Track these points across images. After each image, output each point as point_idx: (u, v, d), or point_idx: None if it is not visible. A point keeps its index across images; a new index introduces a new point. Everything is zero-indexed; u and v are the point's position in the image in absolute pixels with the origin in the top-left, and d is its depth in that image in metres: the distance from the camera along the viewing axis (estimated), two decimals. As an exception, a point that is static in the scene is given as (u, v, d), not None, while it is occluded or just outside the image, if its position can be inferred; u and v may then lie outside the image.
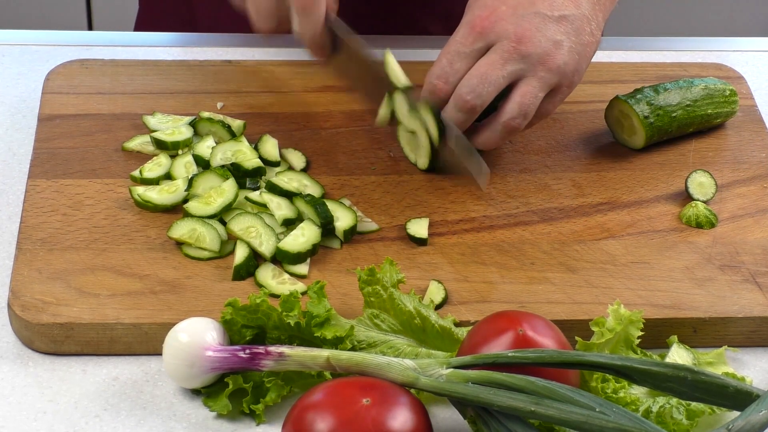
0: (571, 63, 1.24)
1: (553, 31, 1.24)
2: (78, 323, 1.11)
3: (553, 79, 1.24)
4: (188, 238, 1.19)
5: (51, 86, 1.40)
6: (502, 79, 1.23)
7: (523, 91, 1.24)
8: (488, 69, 1.23)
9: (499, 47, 1.23)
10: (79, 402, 1.07)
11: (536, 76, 1.23)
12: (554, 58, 1.23)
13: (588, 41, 1.26)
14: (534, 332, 1.04)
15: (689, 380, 1.00)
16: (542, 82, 1.24)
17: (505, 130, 1.25)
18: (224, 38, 1.55)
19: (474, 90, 1.23)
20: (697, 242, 1.25)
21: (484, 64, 1.23)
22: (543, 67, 1.23)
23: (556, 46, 1.23)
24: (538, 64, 1.23)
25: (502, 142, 1.27)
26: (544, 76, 1.23)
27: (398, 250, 1.22)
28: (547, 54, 1.23)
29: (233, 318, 1.08)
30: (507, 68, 1.23)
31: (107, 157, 1.31)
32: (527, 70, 1.23)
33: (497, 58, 1.23)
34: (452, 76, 1.25)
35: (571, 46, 1.24)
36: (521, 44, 1.23)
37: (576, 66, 1.25)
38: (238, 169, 1.27)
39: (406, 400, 0.99)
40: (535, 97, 1.24)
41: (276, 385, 1.06)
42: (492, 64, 1.23)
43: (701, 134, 1.41)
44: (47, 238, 1.20)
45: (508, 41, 1.23)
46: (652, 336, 1.14)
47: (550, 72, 1.23)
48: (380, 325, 1.11)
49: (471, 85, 1.23)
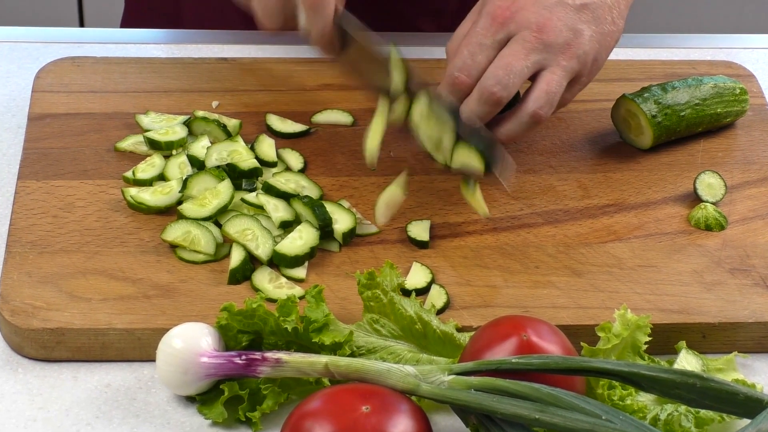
0: (592, 52, 1.26)
1: (574, 20, 1.25)
2: (69, 328, 1.11)
3: (575, 68, 1.26)
4: (182, 240, 1.20)
5: (41, 84, 1.40)
6: (526, 69, 1.24)
7: (549, 79, 1.24)
8: (512, 60, 1.23)
9: (521, 37, 1.24)
10: (70, 410, 1.07)
11: (559, 65, 1.25)
12: (576, 46, 1.25)
13: (609, 30, 1.27)
14: (538, 338, 1.04)
15: (698, 387, 1.00)
16: (565, 70, 1.25)
17: (532, 120, 1.26)
18: (219, 35, 1.55)
19: (500, 81, 1.23)
20: (706, 245, 1.26)
21: (507, 54, 1.24)
22: (564, 56, 1.24)
23: (577, 34, 1.25)
24: (559, 53, 1.24)
25: (528, 133, 1.28)
26: (566, 65, 1.25)
27: (399, 253, 1.22)
28: (568, 43, 1.24)
29: (229, 323, 1.08)
30: (531, 58, 1.24)
31: (99, 157, 1.31)
32: (550, 59, 1.24)
33: (520, 48, 1.24)
34: (474, 69, 1.25)
35: (591, 34, 1.26)
36: (543, 33, 1.24)
37: (596, 55, 1.27)
38: (234, 169, 1.27)
39: (407, 408, 0.99)
40: (560, 85, 1.25)
41: (273, 393, 1.06)
42: (515, 55, 1.24)
43: (710, 134, 1.41)
44: (37, 240, 1.20)
45: (529, 31, 1.24)
46: (659, 342, 1.14)
47: (571, 60, 1.25)
48: (380, 330, 1.12)
49: (497, 77, 1.23)
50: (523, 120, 1.26)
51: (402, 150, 1.35)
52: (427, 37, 1.59)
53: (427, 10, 1.63)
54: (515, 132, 1.27)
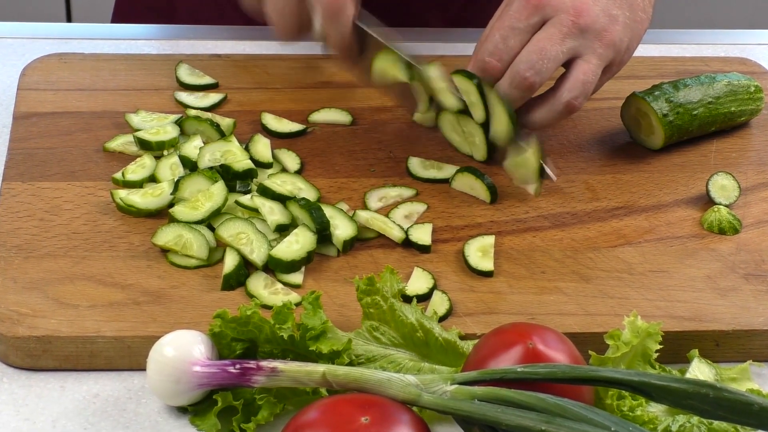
0: (626, 39, 1.28)
1: (609, 6, 1.26)
2: (56, 336, 1.11)
3: (610, 56, 1.27)
4: (174, 245, 1.20)
5: (27, 82, 1.40)
6: (561, 55, 1.25)
7: (584, 68, 1.25)
8: (547, 44, 1.24)
9: (557, 21, 1.25)
10: (57, 421, 1.07)
11: (595, 53, 1.26)
12: (611, 33, 1.26)
13: (641, 18, 1.29)
14: (545, 346, 1.04)
15: (711, 397, 1.00)
16: (601, 59, 1.26)
17: (566, 110, 1.27)
18: (213, 30, 1.56)
19: (533, 66, 1.24)
20: (719, 249, 1.26)
21: (542, 38, 1.25)
22: (600, 43, 1.26)
23: (613, 20, 1.26)
24: (595, 39, 1.25)
25: (560, 121, 1.29)
26: (602, 53, 1.26)
27: (399, 258, 1.22)
28: (604, 29, 1.26)
29: (222, 331, 1.08)
30: (566, 44, 1.25)
31: (87, 158, 1.31)
32: (585, 46, 1.25)
33: (556, 32, 1.24)
34: (506, 53, 1.26)
35: (626, 21, 1.27)
36: (580, 17, 1.25)
37: (629, 43, 1.29)
38: (228, 171, 1.27)
39: (408, 419, 0.99)
40: (595, 74, 1.26)
41: (268, 403, 1.06)
42: (551, 39, 1.24)
43: (724, 133, 1.41)
44: (23, 245, 1.20)
45: (566, 15, 1.25)
46: (671, 350, 1.14)
47: (607, 48, 1.26)
48: (380, 338, 1.12)
49: (530, 62, 1.24)
50: (556, 109, 1.27)
51: (402, 151, 1.35)
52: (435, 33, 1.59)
53: (434, 4, 1.63)
54: (547, 120, 1.28)
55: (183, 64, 1.44)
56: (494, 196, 1.29)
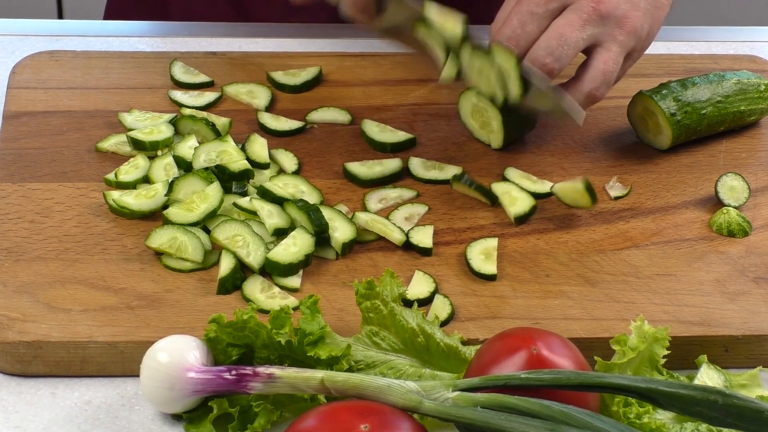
0: (646, 26, 1.28)
1: None
2: (47, 341, 1.11)
3: (631, 44, 1.27)
4: (168, 247, 1.20)
5: (17, 80, 1.40)
6: (581, 42, 1.25)
7: (605, 57, 1.26)
8: (567, 30, 1.24)
9: (578, 6, 1.25)
10: (48, 428, 1.07)
11: (616, 41, 1.26)
12: (631, 20, 1.26)
13: (662, 4, 1.30)
14: (549, 351, 1.04)
15: (720, 404, 1.00)
16: (622, 46, 1.27)
17: (588, 100, 1.27)
18: (208, 27, 1.56)
19: (553, 52, 1.24)
20: (728, 252, 1.26)
21: (562, 24, 1.25)
22: (621, 31, 1.26)
23: (634, 7, 1.26)
24: (615, 26, 1.26)
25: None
26: (623, 41, 1.26)
27: (400, 261, 1.22)
28: (625, 16, 1.26)
29: (218, 336, 1.08)
30: (586, 30, 1.25)
31: (79, 158, 1.31)
32: (606, 33, 1.26)
33: (576, 18, 1.25)
34: (524, 39, 1.26)
35: (647, 8, 1.27)
36: (600, 4, 1.25)
37: (649, 29, 1.29)
38: (224, 171, 1.27)
39: (409, 426, 0.99)
40: (616, 63, 1.26)
41: (265, 410, 1.06)
42: (571, 25, 1.24)
43: (733, 133, 1.41)
44: (13, 247, 1.20)
45: (586, 1, 1.25)
46: (679, 355, 1.14)
47: (628, 36, 1.26)
48: (380, 343, 1.12)
49: (549, 47, 1.24)
50: (578, 99, 1.27)
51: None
52: None
53: None
54: None
55: (177, 62, 1.44)
56: (492, 198, 1.29)
